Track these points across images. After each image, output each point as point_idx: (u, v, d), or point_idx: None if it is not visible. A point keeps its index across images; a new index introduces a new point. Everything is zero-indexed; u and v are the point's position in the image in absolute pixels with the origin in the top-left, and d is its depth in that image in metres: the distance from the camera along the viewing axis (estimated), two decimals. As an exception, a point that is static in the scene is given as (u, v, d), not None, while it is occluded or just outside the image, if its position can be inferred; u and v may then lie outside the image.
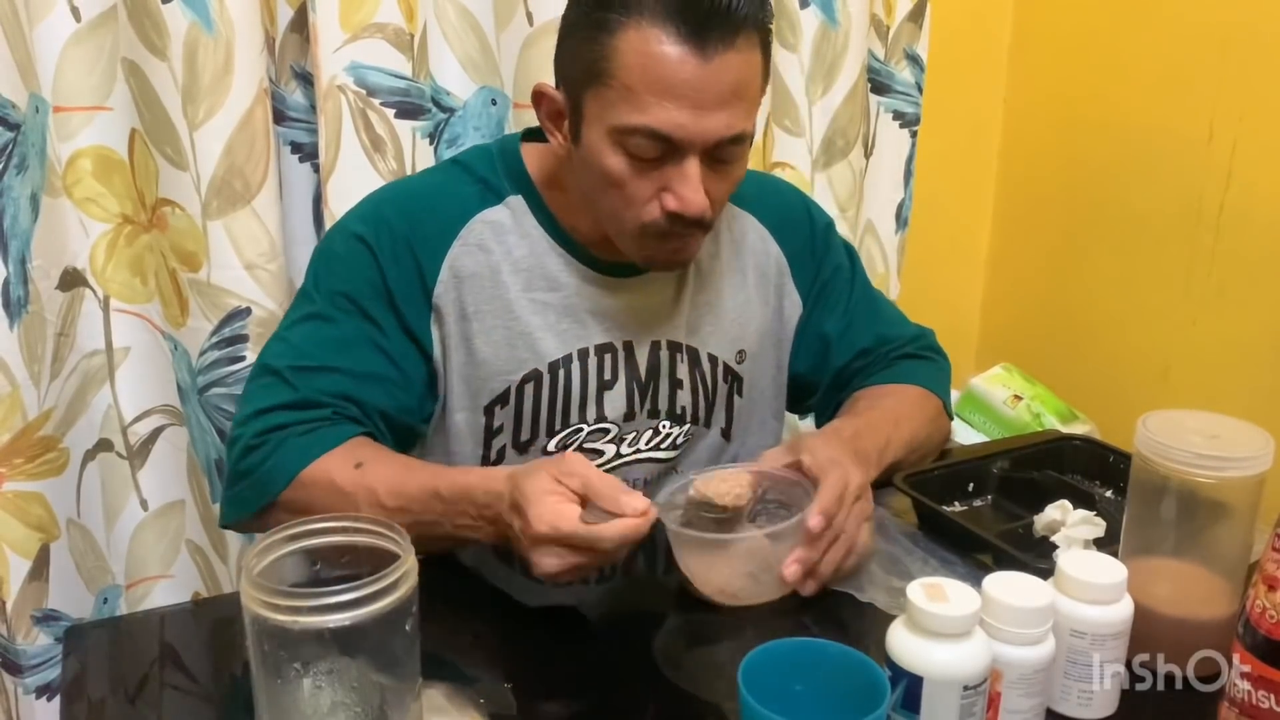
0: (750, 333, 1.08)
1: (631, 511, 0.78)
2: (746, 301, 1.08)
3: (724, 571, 0.84)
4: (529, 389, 0.99)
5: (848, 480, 0.86)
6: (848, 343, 1.12)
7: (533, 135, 1.03)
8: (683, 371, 1.05)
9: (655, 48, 0.84)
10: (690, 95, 0.85)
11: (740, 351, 1.08)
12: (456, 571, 0.93)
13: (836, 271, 1.13)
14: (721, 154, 0.90)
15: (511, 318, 0.98)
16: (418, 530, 0.83)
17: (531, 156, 1.02)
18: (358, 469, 0.90)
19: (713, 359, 1.06)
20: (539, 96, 0.95)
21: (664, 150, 0.88)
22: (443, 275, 0.97)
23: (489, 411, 1.00)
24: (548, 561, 0.79)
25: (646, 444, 1.04)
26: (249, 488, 0.93)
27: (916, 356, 1.15)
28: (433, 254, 0.97)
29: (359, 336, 0.96)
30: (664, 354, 1.04)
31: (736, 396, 1.09)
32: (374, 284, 0.96)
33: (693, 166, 0.88)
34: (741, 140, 0.90)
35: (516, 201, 1.00)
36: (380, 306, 0.97)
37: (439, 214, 0.99)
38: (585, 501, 0.79)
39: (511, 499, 0.81)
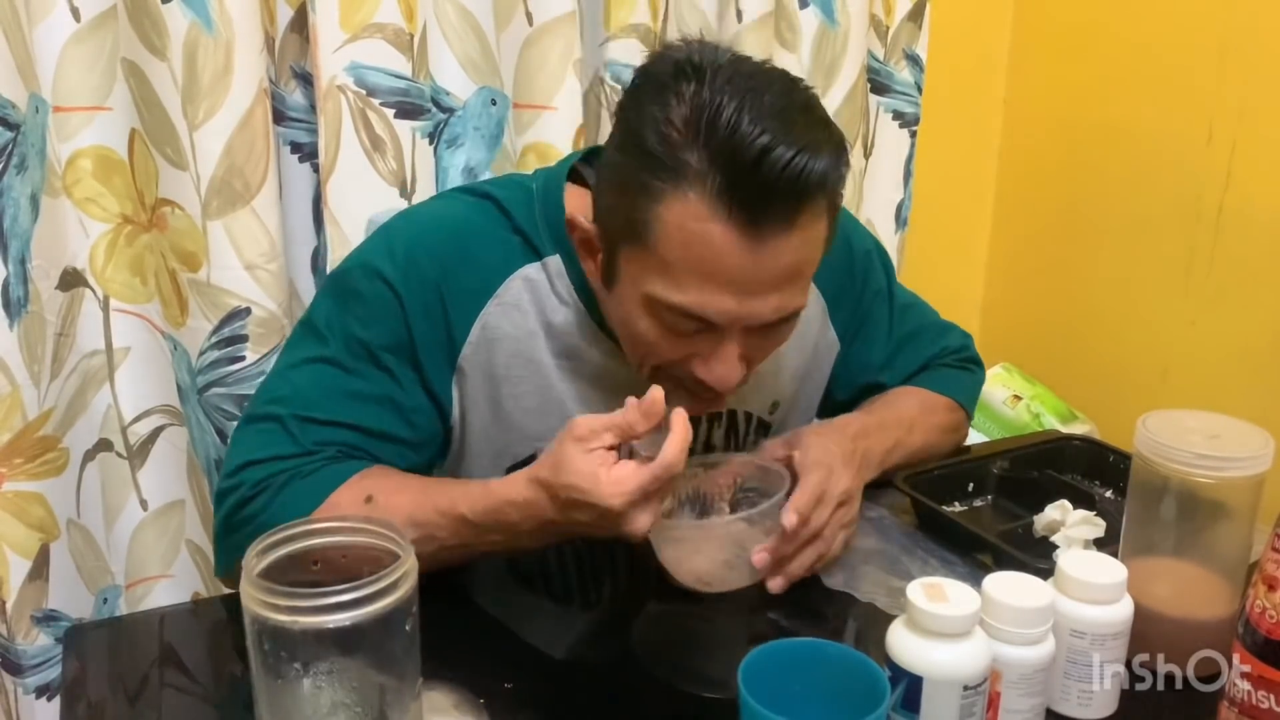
0: (785, 381, 1.02)
1: (658, 408, 0.73)
2: (783, 352, 0.95)
3: (698, 559, 0.84)
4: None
5: (829, 483, 0.84)
6: (897, 369, 1.08)
7: (576, 173, 0.94)
8: (718, 437, 1.00)
9: (702, 227, 0.74)
10: (738, 281, 0.76)
11: (774, 403, 1.03)
12: (457, 572, 0.93)
13: (875, 298, 1.07)
14: (768, 330, 0.82)
15: (545, 383, 0.91)
16: (443, 554, 0.81)
17: (575, 206, 0.89)
18: (368, 503, 0.83)
19: (748, 417, 1.02)
20: (571, 226, 0.86)
21: (703, 328, 0.80)
22: (473, 336, 0.89)
23: (509, 472, 0.91)
24: (642, 520, 0.74)
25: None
26: (250, 536, 0.80)
27: (954, 366, 1.13)
28: (465, 311, 0.88)
29: (376, 393, 0.88)
30: (702, 422, 0.98)
31: (762, 439, 1.04)
32: (398, 337, 0.87)
33: (732, 346, 0.80)
34: (792, 318, 0.83)
35: (554, 262, 0.90)
36: (401, 362, 0.88)
37: (477, 266, 0.89)
38: (618, 446, 0.75)
39: (563, 499, 0.76)
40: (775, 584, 0.83)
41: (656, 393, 0.74)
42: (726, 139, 0.73)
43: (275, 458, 0.85)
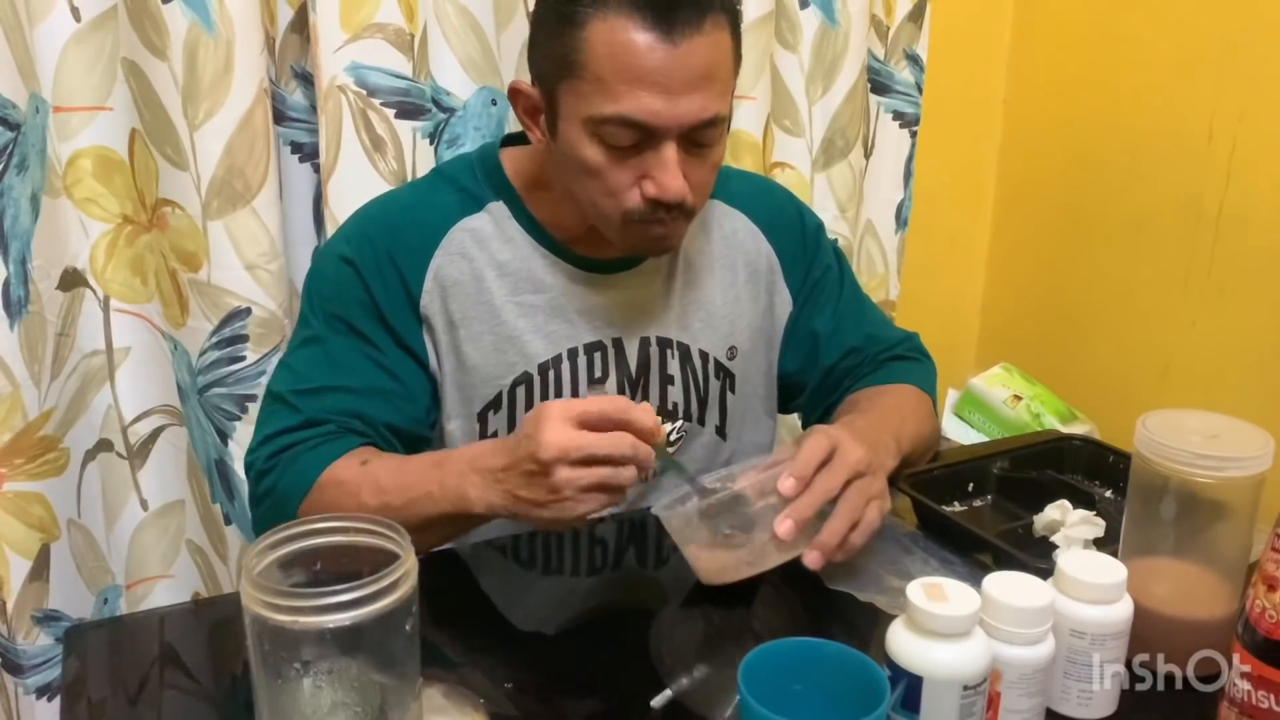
0: (741, 329, 1.09)
1: (641, 418, 0.80)
2: (737, 298, 1.08)
3: (715, 545, 0.85)
4: (520, 392, 1.00)
5: (838, 453, 0.85)
6: (837, 342, 1.12)
7: (513, 140, 1.04)
8: (673, 367, 1.05)
9: (623, 36, 0.85)
10: (661, 81, 0.86)
11: (731, 348, 1.08)
12: (457, 571, 0.93)
13: (826, 272, 1.14)
14: (698, 138, 0.90)
15: (498, 322, 0.99)
16: (418, 511, 0.86)
17: (512, 161, 1.02)
18: (363, 465, 0.92)
19: (704, 355, 1.06)
20: (515, 94, 0.96)
21: (640, 138, 0.89)
22: (427, 285, 0.98)
23: (482, 418, 1.00)
24: (563, 473, 0.79)
25: None
26: (271, 509, 0.94)
27: (905, 358, 1.15)
28: (415, 265, 0.98)
29: (354, 354, 0.97)
30: (654, 350, 1.04)
31: (729, 393, 1.09)
32: (363, 302, 0.97)
33: (669, 152, 0.89)
34: (716, 123, 0.91)
35: (497, 207, 1.01)
36: (372, 323, 0.98)
37: (420, 225, 1.00)
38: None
39: (525, 431, 0.82)
40: (810, 557, 0.83)
41: (649, 411, 0.80)
42: None
43: (281, 431, 0.95)
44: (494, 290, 0.99)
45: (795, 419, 1.23)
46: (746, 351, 1.10)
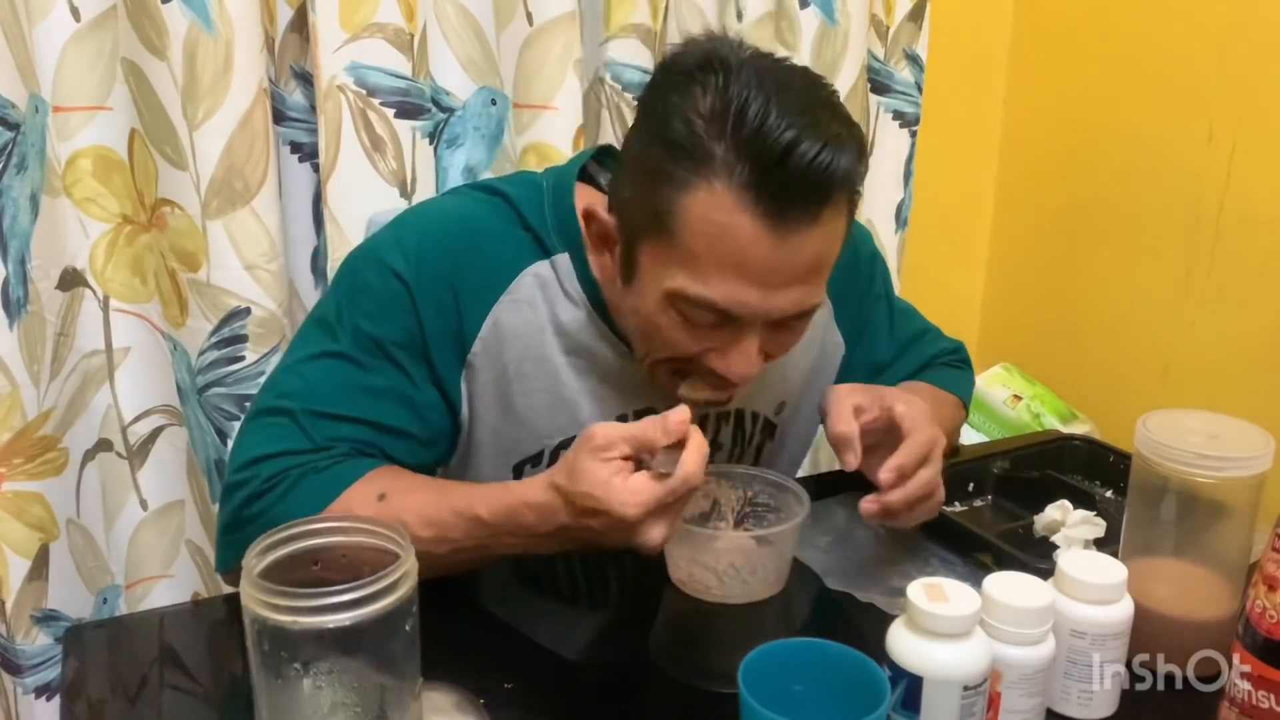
0: (792, 381, 1.02)
1: (683, 429, 0.73)
2: (791, 352, 0.95)
3: (694, 564, 0.85)
4: (563, 453, 0.90)
5: (935, 441, 0.85)
6: (901, 367, 1.09)
7: (586, 172, 0.95)
8: (725, 436, 1.00)
9: (728, 218, 0.74)
10: (762, 275, 0.76)
11: (781, 404, 1.02)
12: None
13: (877, 301, 1.09)
14: (789, 323, 0.83)
15: (555, 382, 0.91)
16: (457, 556, 0.81)
17: (586, 203, 0.89)
18: (381, 501, 0.82)
19: (754, 417, 1.01)
20: (588, 217, 0.86)
21: (723, 321, 0.80)
22: (484, 332, 0.88)
23: (518, 470, 0.93)
24: (655, 534, 0.73)
25: None
26: (259, 530, 0.77)
27: (952, 366, 1.14)
28: (477, 307, 0.88)
29: (388, 388, 0.87)
30: (710, 420, 0.98)
31: (769, 441, 1.04)
32: (410, 332, 0.87)
33: (751, 341, 0.81)
34: (811, 313, 0.83)
35: (563, 260, 0.90)
36: (412, 357, 0.87)
37: (488, 261, 0.89)
38: (636, 458, 0.74)
39: (578, 506, 0.75)
40: (867, 503, 0.83)
41: (683, 412, 0.74)
42: (755, 130, 0.73)
43: (287, 452, 0.84)
44: (552, 346, 0.90)
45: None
46: (794, 401, 1.03)
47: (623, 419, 0.92)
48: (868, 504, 0.83)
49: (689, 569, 0.86)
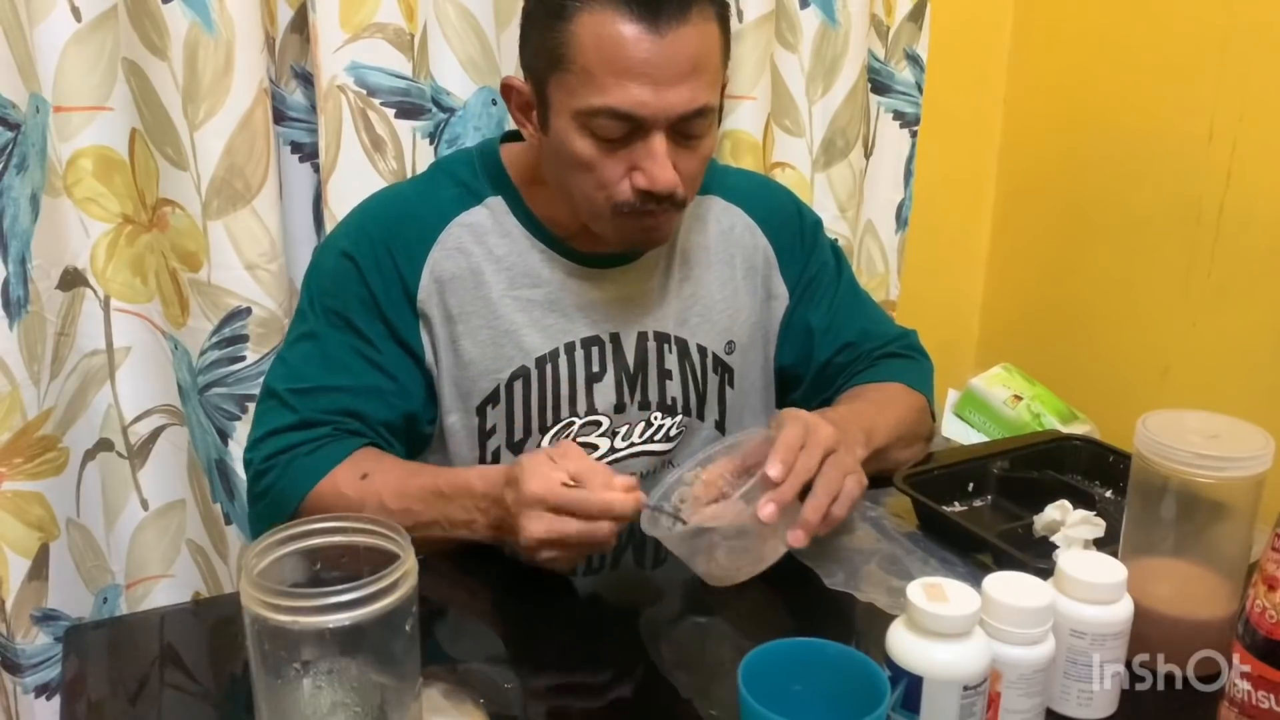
0: (739, 324, 1.09)
1: (620, 486, 0.83)
2: (735, 293, 1.09)
3: (714, 554, 0.85)
4: (518, 386, 1.01)
5: (809, 433, 0.86)
6: (832, 336, 1.13)
7: (513, 136, 1.05)
8: (671, 362, 1.06)
9: (610, 29, 0.86)
10: (649, 72, 0.87)
11: (729, 343, 1.09)
12: (457, 571, 0.93)
13: (823, 267, 1.14)
14: (687, 129, 0.91)
15: (495, 317, 1.00)
16: (421, 530, 0.88)
17: (511, 156, 1.04)
18: (364, 479, 0.93)
19: (702, 349, 1.07)
20: (507, 90, 0.98)
21: (629, 130, 0.89)
22: (424, 280, 0.99)
23: (481, 412, 1.01)
24: (533, 527, 0.83)
25: (640, 437, 1.05)
26: (268, 507, 0.96)
27: (899, 355, 1.16)
28: (413, 260, 0.99)
29: (350, 351, 0.98)
30: (651, 344, 1.05)
31: (728, 388, 1.10)
32: (361, 297, 0.98)
33: (659, 143, 0.90)
34: (705, 113, 0.91)
35: (496, 202, 1.02)
36: (370, 319, 0.98)
37: (417, 220, 1.01)
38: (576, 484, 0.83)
39: (508, 476, 0.86)
40: (794, 536, 0.84)
41: (626, 481, 0.84)
42: None
43: (278, 430, 0.97)
44: (491, 285, 1.00)
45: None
46: (744, 346, 1.10)
47: (569, 347, 1.02)
48: (794, 538, 0.84)
49: (707, 567, 0.86)
